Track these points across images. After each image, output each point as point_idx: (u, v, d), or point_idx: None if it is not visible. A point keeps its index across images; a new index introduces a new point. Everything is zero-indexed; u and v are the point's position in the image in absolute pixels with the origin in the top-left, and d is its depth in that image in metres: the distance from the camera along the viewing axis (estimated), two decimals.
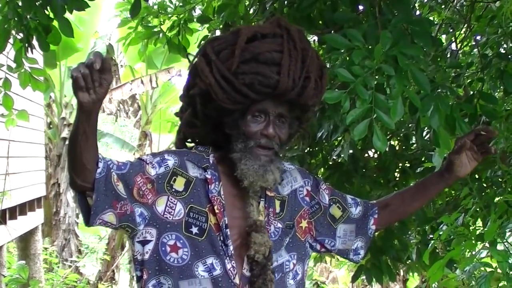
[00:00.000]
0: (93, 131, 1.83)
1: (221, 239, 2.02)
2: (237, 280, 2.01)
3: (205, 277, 1.98)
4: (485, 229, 2.92)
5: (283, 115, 2.04)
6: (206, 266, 1.99)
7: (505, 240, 2.93)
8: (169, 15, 4.33)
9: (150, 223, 1.99)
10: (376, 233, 3.96)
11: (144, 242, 2.01)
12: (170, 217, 2.00)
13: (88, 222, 1.91)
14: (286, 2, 3.24)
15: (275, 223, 2.11)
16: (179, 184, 2.02)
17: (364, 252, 2.28)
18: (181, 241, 1.99)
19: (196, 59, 2.11)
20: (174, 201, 2.01)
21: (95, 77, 1.74)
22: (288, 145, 2.29)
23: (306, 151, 4.12)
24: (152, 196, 1.98)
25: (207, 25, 4.19)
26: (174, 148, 2.24)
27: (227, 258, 2.01)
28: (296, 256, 2.15)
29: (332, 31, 2.77)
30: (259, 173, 2.00)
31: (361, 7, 2.97)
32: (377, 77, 2.19)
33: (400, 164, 4.00)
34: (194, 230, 2.00)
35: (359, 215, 2.25)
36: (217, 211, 2.02)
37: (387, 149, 3.86)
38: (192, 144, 2.22)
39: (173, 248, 1.99)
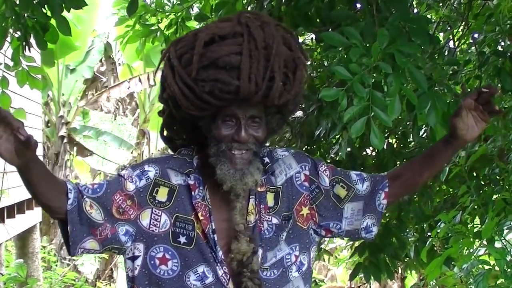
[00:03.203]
0: (41, 176, 1.82)
1: (210, 245, 1.96)
2: (230, 286, 1.95)
3: (198, 286, 1.94)
4: (483, 227, 2.92)
5: (256, 116, 1.95)
6: (197, 275, 1.94)
7: (502, 238, 2.94)
8: (167, 13, 4.32)
9: (137, 238, 1.96)
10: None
11: (133, 258, 1.98)
12: (156, 229, 1.96)
13: (69, 252, 1.91)
14: (283, 0, 3.24)
15: (268, 218, 2.03)
16: (162, 194, 1.97)
17: (377, 228, 2.15)
18: (170, 253, 1.95)
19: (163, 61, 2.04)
20: (159, 213, 1.96)
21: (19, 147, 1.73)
22: (275, 135, 2.20)
23: (304, 149, 4.13)
24: (134, 211, 1.95)
25: (204, 23, 4.19)
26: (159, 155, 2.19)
27: (218, 264, 1.96)
28: (299, 246, 2.06)
29: (330, 29, 2.78)
30: (237, 178, 1.92)
31: (358, 5, 2.97)
32: (374, 75, 2.19)
33: (398, 162, 4.00)
34: (182, 239, 1.96)
35: (367, 191, 2.12)
36: (201, 217, 1.96)
37: (385, 147, 3.88)
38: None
39: (162, 260, 1.95)
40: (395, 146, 4.14)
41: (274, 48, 1.92)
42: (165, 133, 2.18)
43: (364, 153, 4.15)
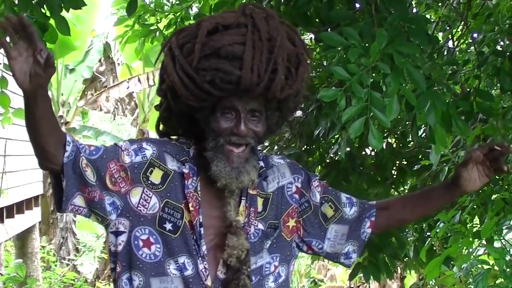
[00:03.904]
0: (46, 115, 1.75)
1: (194, 238, 1.92)
2: (209, 282, 1.91)
3: (177, 276, 1.90)
4: (482, 226, 2.92)
5: (256, 110, 1.91)
6: (178, 265, 1.90)
7: (502, 238, 2.94)
8: (166, 13, 4.33)
9: (123, 214, 1.91)
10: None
11: (117, 233, 1.93)
12: (144, 210, 1.91)
13: (61, 208, 1.85)
14: (282, 0, 3.24)
15: (255, 223, 1.99)
16: (155, 176, 1.93)
17: (356, 255, 2.14)
18: (154, 237, 1.91)
19: (163, 52, 2.01)
20: (150, 194, 1.92)
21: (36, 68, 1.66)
22: (273, 135, 2.16)
23: (303, 149, 4.13)
24: (125, 185, 1.91)
25: None
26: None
27: (200, 258, 1.92)
28: (279, 257, 2.03)
29: (329, 29, 2.78)
30: (232, 176, 1.88)
31: (357, 5, 2.97)
32: (373, 75, 2.19)
33: (397, 162, 4.00)
34: (168, 226, 1.92)
35: (353, 216, 2.10)
36: (191, 208, 1.92)
37: (384, 147, 3.89)
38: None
39: (145, 243, 1.91)
40: (394, 146, 4.14)
41: (278, 41, 1.89)
42: (161, 127, 2.13)
43: (363, 153, 4.15)
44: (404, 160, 4.02)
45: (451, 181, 2.07)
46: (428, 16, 4.05)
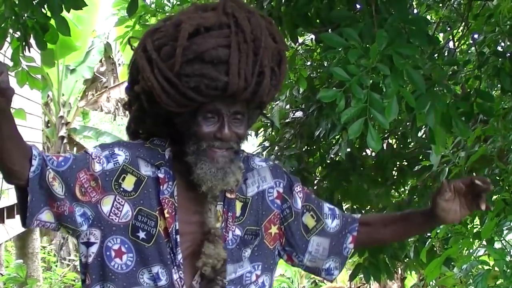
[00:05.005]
0: (10, 135, 1.67)
1: (170, 246, 1.82)
2: None
3: (151, 285, 1.81)
4: (483, 227, 2.93)
5: (240, 112, 1.81)
6: (151, 274, 1.81)
7: (502, 238, 2.94)
8: (167, 14, 4.33)
9: (95, 224, 1.81)
10: None
11: (88, 244, 1.83)
12: (116, 219, 1.81)
13: (25, 223, 1.75)
14: (283, 0, 3.24)
15: (233, 229, 1.89)
16: (128, 183, 1.83)
17: (338, 272, 2.05)
18: (126, 246, 1.82)
19: (136, 53, 1.88)
20: (122, 202, 1.82)
21: None
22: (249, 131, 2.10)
23: (303, 149, 4.13)
24: (96, 194, 1.80)
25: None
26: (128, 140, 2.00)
27: (175, 267, 1.82)
28: (261, 266, 1.93)
29: (329, 30, 2.77)
30: (218, 177, 1.78)
31: (358, 6, 2.97)
32: (373, 76, 2.18)
33: (398, 163, 4.01)
34: (141, 235, 1.82)
35: (335, 230, 2.01)
36: (167, 215, 1.82)
37: (384, 148, 3.89)
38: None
39: (117, 253, 1.82)
40: (394, 146, 4.14)
41: (263, 41, 1.79)
42: (132, 127, 2.03)
43: (364, 153, 4.15)
44: (404, 160, 4.02)
45: (430, 209, 1.97)
46: (428, 17, 4.05)
